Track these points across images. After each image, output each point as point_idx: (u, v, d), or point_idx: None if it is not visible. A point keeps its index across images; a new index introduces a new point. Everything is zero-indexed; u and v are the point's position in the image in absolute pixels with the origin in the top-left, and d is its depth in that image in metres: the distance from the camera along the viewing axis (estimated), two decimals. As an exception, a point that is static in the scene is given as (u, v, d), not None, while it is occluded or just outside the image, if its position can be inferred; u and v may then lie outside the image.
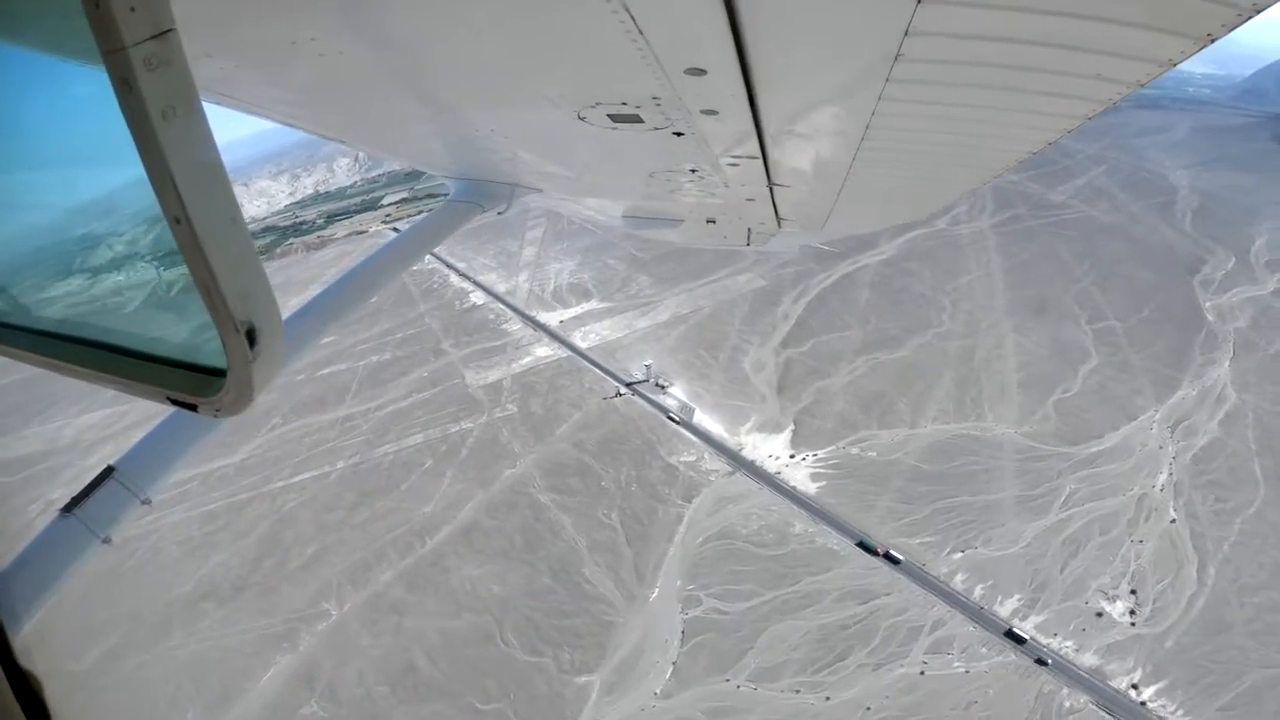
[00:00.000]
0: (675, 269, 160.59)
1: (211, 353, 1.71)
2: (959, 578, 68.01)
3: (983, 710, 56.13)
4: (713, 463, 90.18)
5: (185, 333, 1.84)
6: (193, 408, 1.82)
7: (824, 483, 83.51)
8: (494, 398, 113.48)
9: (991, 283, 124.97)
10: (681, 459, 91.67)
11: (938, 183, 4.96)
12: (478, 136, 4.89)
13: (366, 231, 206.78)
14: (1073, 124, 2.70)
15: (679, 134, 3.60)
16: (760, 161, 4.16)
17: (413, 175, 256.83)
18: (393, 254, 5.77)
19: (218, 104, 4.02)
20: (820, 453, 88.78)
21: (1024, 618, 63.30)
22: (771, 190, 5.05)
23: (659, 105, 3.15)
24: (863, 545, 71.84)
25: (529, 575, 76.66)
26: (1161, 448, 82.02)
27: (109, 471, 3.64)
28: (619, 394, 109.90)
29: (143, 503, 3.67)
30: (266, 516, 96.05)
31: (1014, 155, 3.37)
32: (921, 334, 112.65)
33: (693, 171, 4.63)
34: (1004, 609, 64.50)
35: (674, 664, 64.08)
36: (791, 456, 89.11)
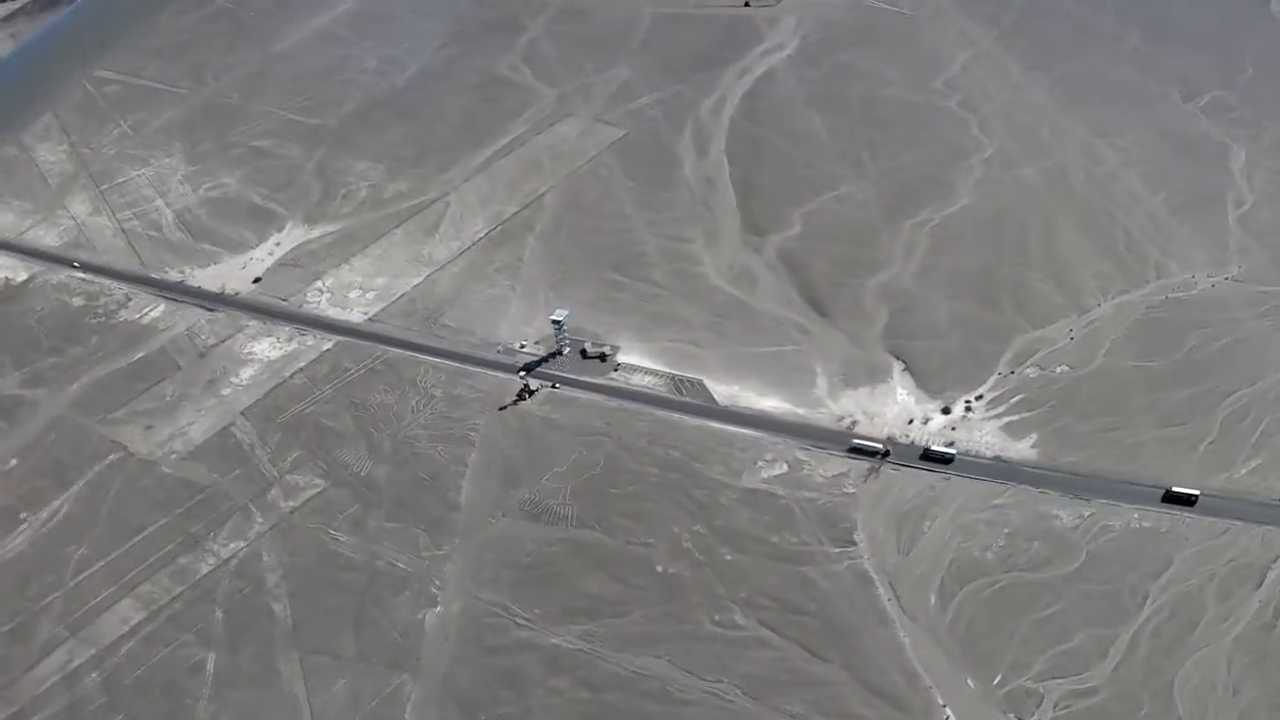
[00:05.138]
0: (410, 134, 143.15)
1: None
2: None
3: None
4: (823, 463, 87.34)
5: None
6: None
7: (1034, 435, 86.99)
8: (242, 466, 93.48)
9: (1001, 67, 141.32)
10: (763, 475, 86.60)
11: None
12: None
13: None
14: None
15: None
16: None
17: None
18: None
19: None
20: (984, 392, 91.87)
21: None
22: None
23: None
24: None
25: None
26: None
27: None
28: (527, 392, 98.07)
29: None
30: None
31: None
32: (963, 166, 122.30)
33: None
34: None
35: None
36: (946, 411, 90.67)
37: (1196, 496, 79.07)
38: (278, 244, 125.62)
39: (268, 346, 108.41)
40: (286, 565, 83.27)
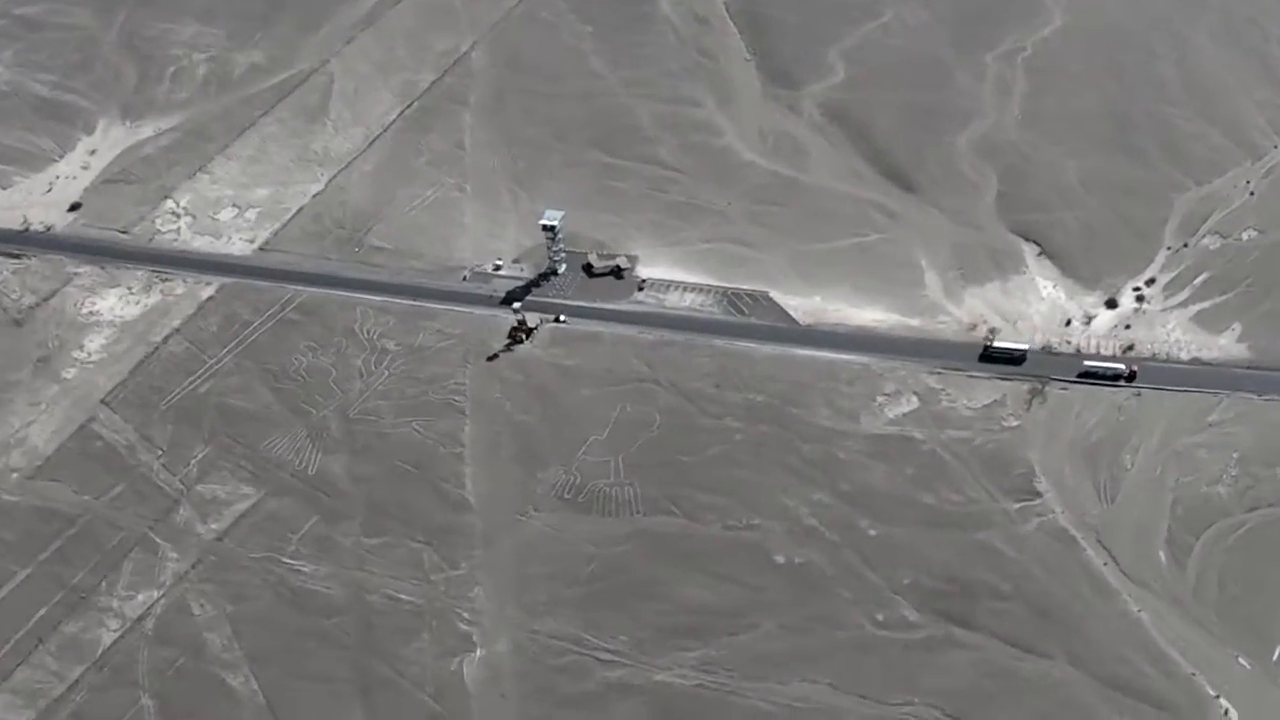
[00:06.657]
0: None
1: None
2: None
3: None
4: (965, 391, 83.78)
5: None
6: None
7: (1237, 325, 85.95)
8: (123, 479, 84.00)
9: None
10: (889, 415, 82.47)
11: None
12: None
13: None
14: None
15: None
16: None
17: None
18: None
19: None
20: (1154, 274, 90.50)
21: None
22: None
23: None
24: None
25: None
26: None
27: None
28: (523, 331, 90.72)
29: None
30: None
31: None
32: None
33: None
34: None
35: None
36: (1111, 305, 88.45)
37: None
38: (92, 152, 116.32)
39: (116, 301, 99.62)
40: (233, 617, 75.27)
